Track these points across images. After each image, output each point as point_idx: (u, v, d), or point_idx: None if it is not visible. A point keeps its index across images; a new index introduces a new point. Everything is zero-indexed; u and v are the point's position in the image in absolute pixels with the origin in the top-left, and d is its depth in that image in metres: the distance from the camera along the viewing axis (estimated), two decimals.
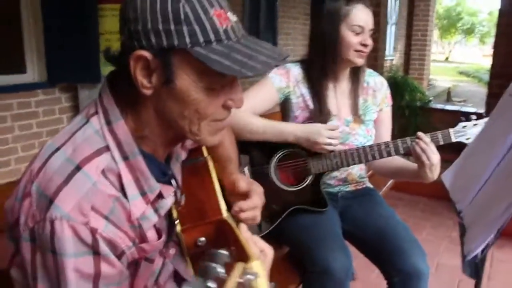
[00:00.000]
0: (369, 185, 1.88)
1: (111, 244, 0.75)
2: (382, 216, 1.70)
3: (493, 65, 4.52)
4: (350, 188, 1.82)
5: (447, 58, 32.16)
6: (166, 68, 0.74)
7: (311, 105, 1.69)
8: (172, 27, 0.71)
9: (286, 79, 1.68)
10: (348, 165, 1.65)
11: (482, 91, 14.01)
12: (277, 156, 1.67)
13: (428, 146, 1.52)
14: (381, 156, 1.62)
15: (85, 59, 3.14)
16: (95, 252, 0.73)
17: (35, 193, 0.74)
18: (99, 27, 3.16)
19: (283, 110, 1.77)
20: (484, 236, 0.88)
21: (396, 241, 1.58)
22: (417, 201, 4.00)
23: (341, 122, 1.71)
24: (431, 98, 5.57)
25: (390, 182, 3.95)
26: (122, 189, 0.78)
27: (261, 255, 0.82)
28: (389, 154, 1.62)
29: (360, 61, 1.65)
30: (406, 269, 1.52)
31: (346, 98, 1.73)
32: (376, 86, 1.80)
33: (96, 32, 3.13)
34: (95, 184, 0.74)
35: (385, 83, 1.83)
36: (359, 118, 1.73)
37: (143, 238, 0.83)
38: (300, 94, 1.70)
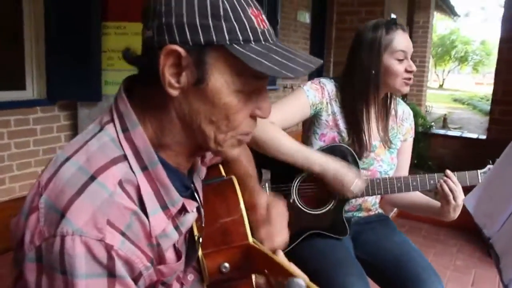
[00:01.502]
0: (381, 211, 1.83)
1: (128, 264, 0.67)
2: (396, 242, 1.64)
3: (494, 92, 4.54)
4: (363, 214, 1.76)
5: (441, 86, 32.54)
6: (199, 67, 0.68)
7: (341, 125, 1.64)
8: (210, 22, 0.67)
9: (320, 95, 1.62)
10: (373, 194, 1.60)
11: (476, 118, 14.18)
12: (301, 175, 1.60)
13: (456, 186, 1.49)
14: (407, 190, 1.57)
15: (87, 76, 3.12)
16: (110, 273, 0.65)
17: (43, 207, 0.66)
18: (102, 44, 3.13)
19: (308, 126, 1.70)
20: None
21: (413, 268, 1.51)
22: (420, 228, 3.92)
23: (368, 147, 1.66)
24: (432, 124, 5.58)
25: (396, 209, 3.90)
26: (141, 203, 0.71)
27: None
28: (415, 189, 1.57)
29: (406, 89, 1.61)
30: None
31: (375, 123, 1.69)
32: (404, 115, 1.77)
33: (98, 49, 3.11)
34: (112, 196, 0.67)
35: (411, 113, 1.81)
36: (387, 144, 1.69)
37: (161, 259, 0.75)
38: (332, 112, 1.65)
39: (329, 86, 1.65)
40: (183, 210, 0.78)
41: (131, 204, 0.69)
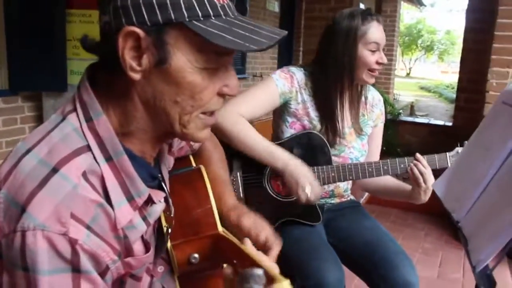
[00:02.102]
0: (353, 197, 1.85)
1: (94, 258, 0.65)
2: (367, 228, 1.67)
3: (459, 80, 4.66)
4: (335, 200, 1.78)
5: (408, 74, 33.14)
6: (159, 47, 0.66)
7: (312, 113, 1.64)
8: (167, 0, 0.65)
9: (290, 84, 1.61)
10: (344, 180, 1.62)
11: (442, 105, 14.52)
12: None
13: (426, 169, 1.52)
14: (378, 175, 1.59)
15: (51, 66, 3.00)
16: (75, 268, 0.63)
17: (3, 201, 0.64)
18: (67, 33, 3.03)
19: (279, 114, 1.70)
20: (493, 247, 0.85)
21: (385, 252, 1.54)
22: (389, 213, 4.01)
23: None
24: (400, 111, 5.68)
25: (366, 195, 3.97)
26: (106, 195, 0.69)
27: None
28: (386, 173, 1.60)
29: (372, 80, 1.63)
30: (396, 281, 1.48)
31: (346, 110, 1.70)
32: (374, 101, 1.78)
33: (63, 37, 3.00)
34: (76, 188, 0.65)
35: (381, 99, 1.83)
36: (358, 131, 1.70)
37: (128, 252, 0.73)
38: (301, 101, 1.64)
39: (299, 74, 1.65)
40: (149, 201, 0.76)
41: (96, 196, 0.67)
